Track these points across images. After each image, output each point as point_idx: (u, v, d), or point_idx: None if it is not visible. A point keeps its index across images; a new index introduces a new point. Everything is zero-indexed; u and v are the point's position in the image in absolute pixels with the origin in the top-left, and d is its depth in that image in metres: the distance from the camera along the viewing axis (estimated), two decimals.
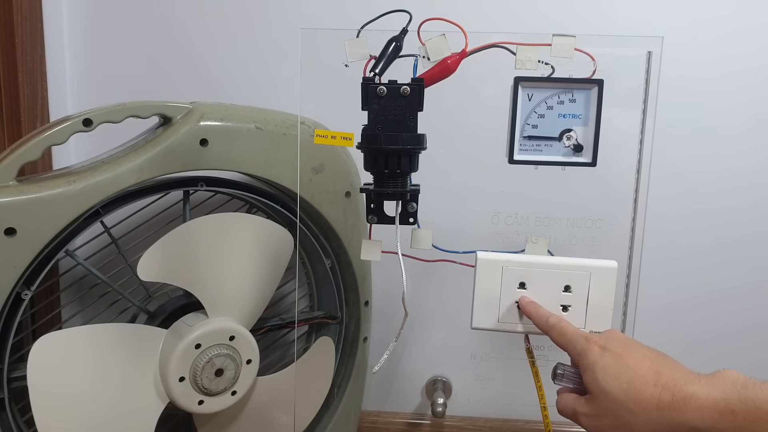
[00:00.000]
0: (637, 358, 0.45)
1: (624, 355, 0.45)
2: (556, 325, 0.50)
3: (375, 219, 0.51)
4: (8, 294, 0.53)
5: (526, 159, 0.53)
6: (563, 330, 0.49)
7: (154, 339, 0.59)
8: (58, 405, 0.55)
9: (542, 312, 0.52)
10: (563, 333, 0.49)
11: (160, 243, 0.57)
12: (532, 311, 0.52)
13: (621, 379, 0.44)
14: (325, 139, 0.49)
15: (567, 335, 0.49)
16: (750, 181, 0.77)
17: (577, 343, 0.47)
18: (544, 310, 0.52)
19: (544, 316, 0.51)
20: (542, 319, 0.51)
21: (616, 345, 0.46)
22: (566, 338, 0.49)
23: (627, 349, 0.45)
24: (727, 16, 0.74)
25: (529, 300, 0.53)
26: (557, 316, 0.51)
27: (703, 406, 0.40)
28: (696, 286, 0.80)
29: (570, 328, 0.49)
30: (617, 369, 0.44)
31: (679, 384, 0.42)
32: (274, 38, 0.78)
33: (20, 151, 0.53)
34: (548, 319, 0.51)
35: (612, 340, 0.47)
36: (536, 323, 0.52)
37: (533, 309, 0.53)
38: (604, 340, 0.46)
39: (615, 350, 0.45)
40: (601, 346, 0.46)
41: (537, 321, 0.52)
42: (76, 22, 0.78)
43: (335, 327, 0.73)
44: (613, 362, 0.45)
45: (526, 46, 0.49)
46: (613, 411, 0.44)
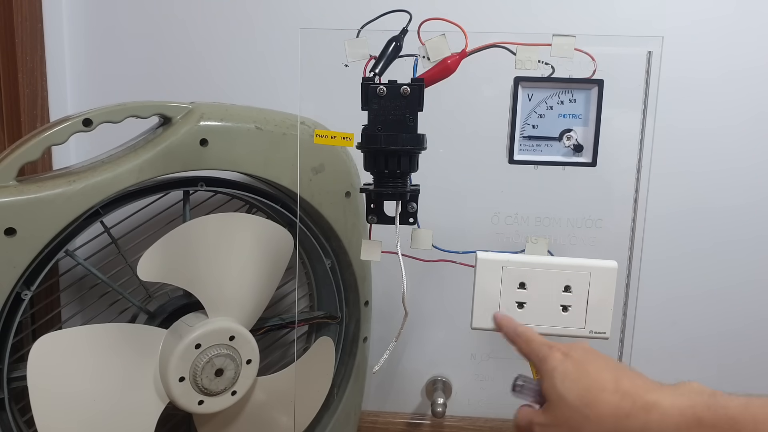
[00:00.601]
0: (598, 366, 0.43)
1: (585, 362, 0.44)
2: (523, 333, 0.49)
3: (375, 219, 0.51)
4: (8, 294, 0.53)
5: (526, 159, 0.53)
6: (529, 338, 0.48)
7: (154, 339, 0.59)
8: (58, 405, 0.55)
9: (513, 322, 0.51)
10: (529, 341, 0.48)
11: (160, 243, 0.57)
12: (503, 322, 0.52)
13: (579, 385, 0.42)
14: (325, 139, 0.49)
15: (532, 344, 0.48)
16: (750, 181, 0.77)
17: (540, 350, 0.46)
18: (515, 321, 0.52)
19: (513, 326, 0.51)
20: (511, 329, 0.51)
21: (578, 352, 0.45)
22: (531, 347, 0.48)
23: (589, 357, 0.44)
24: (727, 16, 0.74)
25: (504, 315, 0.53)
26: (524, 327, 0.50)
27: (666, 413, 0.39)
28: (696, 285, 0.80)
29: (536, 337, 0.48)
30: (576, 375, 0.43)
31: (640, 392, 0.41)
32: (274, 38, 0.78)
33: (20, 151, 0.53)
34: (517, 328, 0.50)
35: (575, 348, 0.46)
36: (505, 333, 0.51)
37: (505, 320, 0.52)
38: (567, 348, 0.45)
39: (576, 357, 0.44)
40: (563, 353, 0.45)
41: (506, 331, 0.51)
42: (76, 22, 0.78)
43: (335, 327, 0.73)
44: (573, 368, 0.43)
45: (526, 46, 0.49)
46: (568, 418, 0.42)
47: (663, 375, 0.89)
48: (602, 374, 0.42)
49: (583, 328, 0.53)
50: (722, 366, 0.82)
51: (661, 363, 0.82)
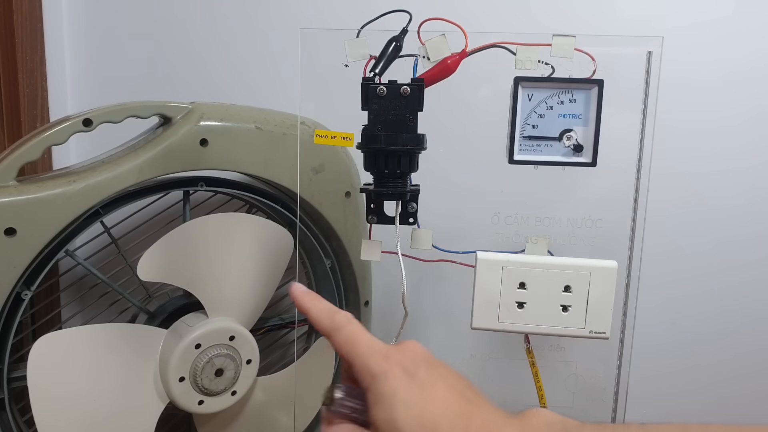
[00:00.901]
0: (446, 394, 0.35)
1: (432, 387, 0.35)
2: (344, 327, 0.38)
3: (375, 219, 0.52)
4: (8, 294, 0.53)
5: (526, 159, 0.53)
6: (354, 337, 0.37)
7: (154, 339, 0.59)
8: (58, 405, 0.55)
9: (324, 306, 0.39)
10: (354, 342, 0.37)
11: (160, 243, 0.57)
12: (309, 304, 0.40)
13: (426, 421, 0.33)
14: (325, 139, 0.49)
15: (360, 347, 0.37)
16: (750, 181, 0.77)
17: (372, 359, 0.36)
18: (326, 303, 0.40)
19: (329, 312, 0.39)
20: (325, 317, 0.39)
21: (422, 369, 0.36)
22: (358, 350, 0.37)
23: (434, 377, 0.36)
24: (727, 17, 0.74)
25: (305, 289, 0.41)
26: (346, 315, 0.39)
27: None
28: (696, 285, 0.80)
29: (364, 337, 0.37)
30: (422, 407, 0.34)
31: (493, 430, 0.34)
32: (274, 38, 0.78)
33: (20, 151, 0.53)
34: (334, 317, 0.38)
35: (418, 361, 0.36)
36: (314, 321, 0.39)
37: (310, 302, 0.40)
38: (409, 361, 0.36)
39: (420, 378, 0.35)
40: (404, 370, 0.35)
41: (317, 318, 0.39)
42: (76, 22, 0.78)
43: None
44: (419, 396, 0.34)
45: (526, 46, 0.49)
46: None
47: (663, 375, 0.89)
48: (453, 407, 0.35)
49: (583, 328, 0.53)
50: (722, 366, 0.82)
51: (661, 363, 0.82)
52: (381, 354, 0.36)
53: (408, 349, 0.37)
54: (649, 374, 0.82)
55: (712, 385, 0.83)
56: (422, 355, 0.38)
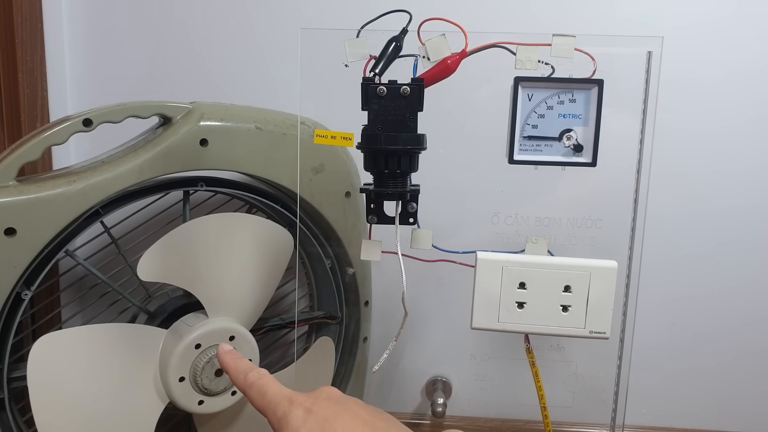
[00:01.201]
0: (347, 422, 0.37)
1: (331, 419, 0.37)
2: (255, 383, 0.41)
3: (375, 219, 0.52)
4: (8, 294, 0.53)
5: (526, 159, 0.53)
6: (263, 389, 0.40)
7: (154, 339, 0.59)
8: (58, 405, 0.55)
9: (242, 365, 0.43)
10: (263, 393, 0.40)
11: (160, 243, 0.57)
12: (229, 364, 0.43)
13: None
14: (325, 139, 0.49)
15: (268, 396, 0.40)
16: (750, 181, 0.77)
17: (278, 406, 0.39)
18: (244, 363, 0.43)
19: (243, 371, 0.42)
20: (240, 375, 0.42)
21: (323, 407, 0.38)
22: (266, 399, 0.40)
23: (337, 411, 0.38)
24: (728, 17, 0.74)
25: (229, 349, 0.45)
26: (259, 372, 0.42)
27: None
28: (696, 285, 0.80)
29: (272, 388, 0.40)
30: None
31: None
32: (274, 38, 0.78)
33: (20, 151, 0.53)
34: (247, 375, 0.42)
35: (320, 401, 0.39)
36: (233, 379, 0.43)
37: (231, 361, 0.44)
38: (311, 402, 0.38)
39: (322, 414, 0.37)
40: (305, 409, 0.38)
41: (234, 377, 0.43)
42: (76, 22, 0.78)
43: (335, 327, 0.73)
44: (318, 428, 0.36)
45: (526, 46, 0.49)
46: None
47: (663, 375, 0.89)
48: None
49: (583, 328, 0.53)
50: (722, 366, 0.82)
51: (661, 363, 0.82)
52: (286, 399, 0.39)
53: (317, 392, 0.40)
54: (649, 374, 0.82)
55: (712, 385, 0.83)
56: (331, 395, 0.40)
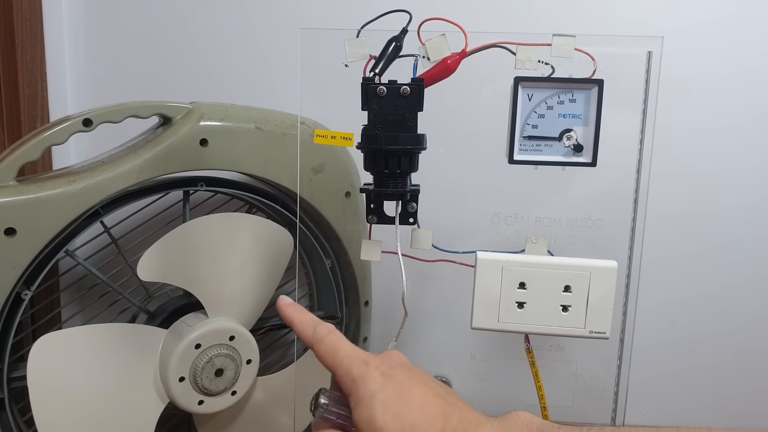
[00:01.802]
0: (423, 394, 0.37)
1: (409, 388, 0.37)
2: (326, 338, 0.40)
3: (375, 219, 0.52)
4: (8, 294, 0.53)
5: (526, 159, 0.53)
6: (335, 346, 0.39)
7: (154, 339, 0.59)
8: (58, 405, 0.55)
9: (307, 317, 0.42)
10: (335, 351, 0.39)
11: (160, 243, 0.57)
12: (294, 316, 0.43)
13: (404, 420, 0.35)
14: (325, 139, 0.49)
15: (340, 354, 0.39)
16: (750, 181, 0.77)
17: (353, 365, 0.38)
18: (309, 315, 0.43)
19: (311, 324, 0.41)
20: (308, 329, 0.41)
21: (400, 373, 0.38)
22: (338, 357, 0.39)
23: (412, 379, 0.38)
24: (728, 17, 0.74)
25: (290, 301, 0.44)
26: (328, 326, 0.41)
27: None
28: (696, 285, 0.80)
29: (344, 345, 0.39)
30: (401, 406, 0.36)
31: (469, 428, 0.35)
32: (274, 38, 0.78)
33: (20, 151, 0.53)
34: (316, 330, 0.41)
35: (395, 366, 0.38)
36: (299, 332, 0.42)
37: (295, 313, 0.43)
38: (386, 366, 0.38)
39: (399, 380, 0.37)
40: (382, 373, 0.37)
41: (300, 329, 0.42)
42: (76, 22, 0.78)
43: (335, 327, 0.73)
44: (397, 396, 0.36)
45: (526, 46, 0.49)
46: None
47: (663, 375, 0.89)
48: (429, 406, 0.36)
49: (583, 328, 0.53)
50: (722, 366, 0.82)
51: (661, 363, 0.82)
52: (361, 359, 0.38)
53: (387, 356, 0.40)
54: (649, 374, 0.82)
55: (712, 384, 0.83)
56: (401, 361, 0.40)
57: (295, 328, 0.42)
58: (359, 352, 0.39)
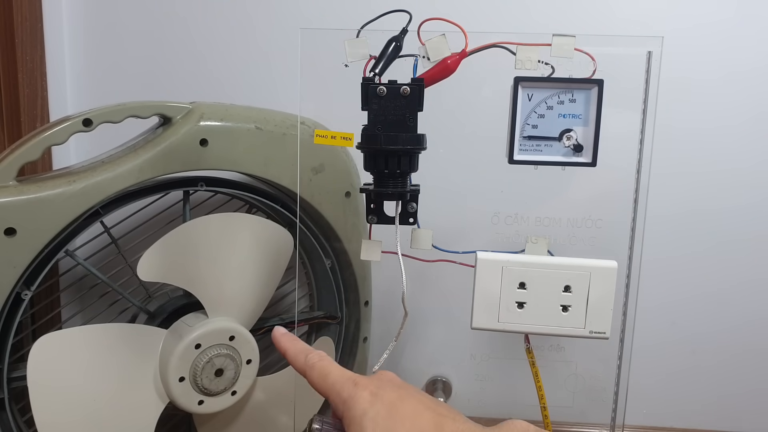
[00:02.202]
0: (414, 408, 0.37)
1: (398, 403, 0.37)
2: (317, 364, 0.41)
3: (375, 219, 0.51)
4: (8, 294, 0.53)
5: (526, 159, 0.53)
6: (325, 371, 0.40)
7: (154, 339, 0.59)
8: (58, 405, 0.55)
9: (300, 347, 0.43)
10: (325, 375, 0.40)
11: (160, 243, 0.57)
12: (287, 345, 0.44)
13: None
14: (324, 139, 0.49)
15: (330, 378, 0.40)
16: (750, 181, 0.77)
17: (343, 388, 0.39)
18: (302, 344, 0.44)
19: (303, 352, 0.42)
20: (300, 356, 0.42)
21: (389, 391, 0.38)
22: (329, 381, 0.40)
23: (402, 395, 0.38)
24: (728, 19, 0.74)
25: (284, 331, 0.45)
26: (319, 354, 0.42)
27: None
28: (696, 285, 0.80)
29: (335, 370, 0.40)
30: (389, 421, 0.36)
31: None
32: (274, 38, 0.78)
33: (20, 151, 0.53)
34: (308, 356, 0.42)
35: (384, 384, 0.39)
36: (292, 361, 0.43)
37: (288, 342, 0.44)
38: (375, 386, 0.39)
39: (388, 397, 0.38)
40: (371, 392, 0.38)
41: (293, 358, 0.43)
42: (75, 22, 0.78)
43: (335, 327, 0.73)
44: (386, 412, 0.37)
45: (526, 46, 0.49)
46: None
47: (663, 375, 0.89)
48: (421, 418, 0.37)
49: (583, 328, 0.53)
50: (722, 365, 0.82)
51: (661, 363, 0.82)
52: (350, 381, 0.39)
53: (377, 376, 0.41)
54: (649, 374, 0.82)
55: (712, 384, 0.83)
56: (392, 380, 0.40)
57: (288, 357, 0.43)
58: (349, 374, 0.40)
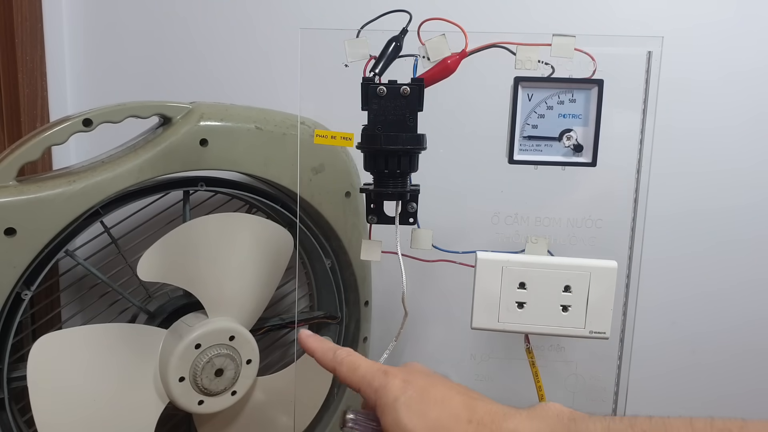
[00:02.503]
0: (445, 392, 0.38)
1: (429, 388, 0.38)
2: (345, 359, 0.42)
3: (375, 219, 0.51)
4: (8, 294, 0.53)
5: (526, 159, 0.53)
6: (354, 365, 0.41)
7: (154, 339, 0.59)
8: (58, 405, 0.55)
9: (327, 345, 0.44)
10: (355, 369, 0.41)
11: (160, 243, 0.57)
12: (315, 345, 0.45)
13: (428, 417, 0.37)
14: (324, 139, 0.49)
15: (360, 370, 0.41)
16: (750, 181, 0.77)
17: (374, 378, 0.40)
18: (329, 343, 0.45)
19: (331, 350, 0.44)
20: (328, 354, 0.43)
21: (419, 377, 0.39)
22: (359, 374, 0.41)
23: (432, 381, 0.40)
24: (728, 19, 0.74)
25: (310, 333, 0.47)
26: (347, 350, 0.43)
27: None
28: (696, 285, 0.80)
29: (363, 363, 0.41)
30: (422, 405, 0.37)
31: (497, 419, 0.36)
32: (274, 38, 0.78)
33: (20, 151, 0.53)
34: (336, 353, 0.43)
35: (414, 372, 0.40)
36: (321, 359, 0.44)
37: (316, 342, 0.45)
38: (405, 373, 0.40)
39: (419, 383, 0.39)
40: (402, 380, 0.39)
41: (322, 356, 0.44)
42: (76, 22, 0.78)
43: (335, 327, 0.73)
44: (418, 396, 0.38)
45: (526, 46, 0.49)
46: None
47: (663, 374, 0.89)
48: (453, 401, 0.38)
49: (583, 328, 0.53)
50: (722, 365, 0.82)
51: (661, 362, 0.82)
52: (381, 371, 0.40)
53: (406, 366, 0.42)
54: (649, 374, 0.82)
55: (712, 384, 0.83)
56: (418, 368, 0.42)
57: (317, 356, 0.44)
58: (378, 365, 0.41)
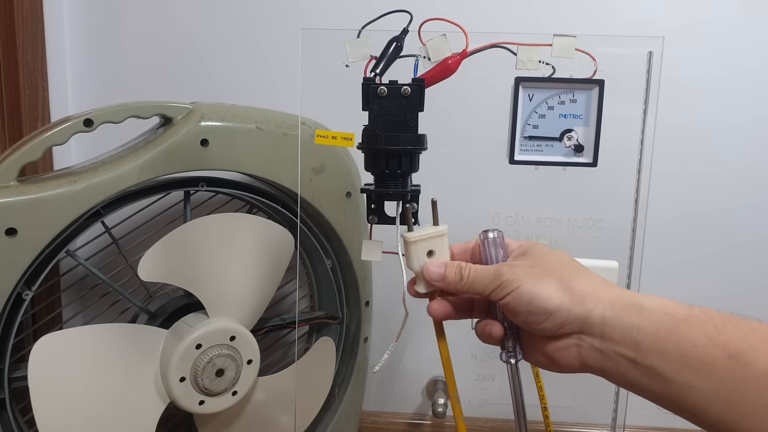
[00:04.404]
0: (557, 256, 0.41)
1: (543, 255, 0.41)
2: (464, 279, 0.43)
3: (375, 219, 0.51)
4: (9, 294, 0.53)
5: (526, 159, 0.53)
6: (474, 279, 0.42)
7: (155, 339, 0.59)
8: (59, 405, 0.55)
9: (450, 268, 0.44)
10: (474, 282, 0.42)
11: (161, 243, 0.57)
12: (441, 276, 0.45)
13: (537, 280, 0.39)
14: (325, 140, 0.49)
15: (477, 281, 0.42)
16: (751, 181, 0.77)
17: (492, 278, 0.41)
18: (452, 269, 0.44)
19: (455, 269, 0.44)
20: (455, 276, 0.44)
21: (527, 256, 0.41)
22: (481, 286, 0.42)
23: (543, 252, 0.42)
24: (728, 17, 0.74)
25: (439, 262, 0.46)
26: (458, 270, 0.44)
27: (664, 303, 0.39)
28: (696, 286, 0.80)
29: (478, 273, 0.42)
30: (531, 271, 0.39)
31: (633, 298, 0.40)
32: (274, 38, 0.78)
33: (21, 152, 0.53)
34: (460, 281, 0.43)
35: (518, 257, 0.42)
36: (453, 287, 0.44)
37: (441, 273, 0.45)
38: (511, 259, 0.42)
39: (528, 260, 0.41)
40: (509, 264, 0.41)
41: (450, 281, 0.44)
42: (77, 22, 0.78)
43: (336, 327, 0.73)
44: (530, 263, 0.40)
45: (527, 46, 0.49)
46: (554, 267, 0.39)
47: None
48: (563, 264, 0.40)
49: None
50: None
51: None
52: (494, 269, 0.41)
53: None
54: None
55: None
56: None
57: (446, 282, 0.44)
58: (491, 267, 0.41)
